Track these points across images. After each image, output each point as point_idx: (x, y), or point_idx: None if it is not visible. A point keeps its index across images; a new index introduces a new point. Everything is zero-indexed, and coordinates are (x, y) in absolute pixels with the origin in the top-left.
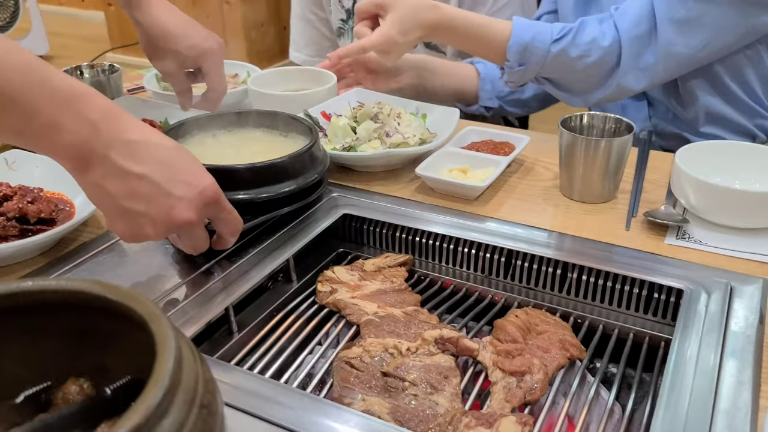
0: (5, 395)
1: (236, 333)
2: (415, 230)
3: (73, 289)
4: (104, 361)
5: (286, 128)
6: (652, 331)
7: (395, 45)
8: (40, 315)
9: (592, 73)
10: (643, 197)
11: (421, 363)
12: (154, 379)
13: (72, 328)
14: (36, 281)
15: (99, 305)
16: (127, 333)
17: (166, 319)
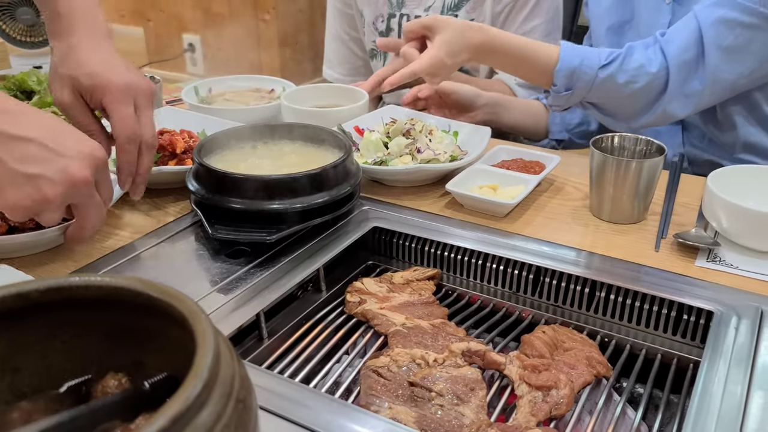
0: (50, 385)
1: (266, 339)
2: (443, 245)
3: (116, 285)
4: (142, 357)
5: (320, 141)
6: (680, 352)
7: (443, 67)
8: (85, 310)
9: (639, 99)
10: (673, 220)
11: (448, 374)
12: (194, 371)
13: (113, 324)
14: (82, 277)
15: (140, 302)
16: (165, 331)
17: (205, 316)
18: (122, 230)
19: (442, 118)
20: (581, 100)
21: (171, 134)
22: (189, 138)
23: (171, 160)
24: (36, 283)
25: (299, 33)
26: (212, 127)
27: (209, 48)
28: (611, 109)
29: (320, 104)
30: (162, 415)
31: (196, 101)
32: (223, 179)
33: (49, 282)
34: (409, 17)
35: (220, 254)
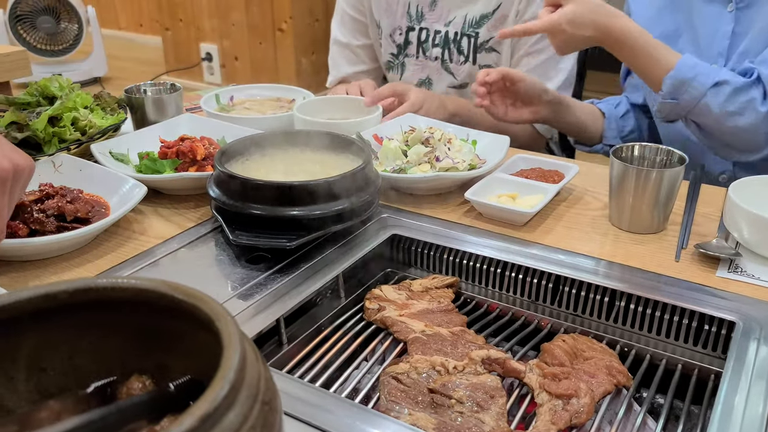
0: (76, 385)
1: (286, 345)
2: (462, 253)
3: (142, 287)
4: (166, 360)
5: (340, 149)
6: (701, 363)
7: (561, 32)
8: (111, 311)
9: (741, 134)
10: (693, 230)
11: (468, 381)
12: (221, 372)
13: (139, 327)
14: (109, 279)
15: (165, 304)
16: (190, 334)
17: (231, 317)
18: (143, 235)
19: (460, 127)
20: (686, 115)
21: (192, 141)
22: (209, 145)
23: (191, 166)
24: (64, 284)
25: (315, 42)
26: (232, 135)
27: (226, 57)
28: (713, 135)
29: (333, 116)
30: (190, 415)
31: (216, 109)
32: (244, 186)
33: (76, 283)
34: (429, 31)
35: (240, 260)
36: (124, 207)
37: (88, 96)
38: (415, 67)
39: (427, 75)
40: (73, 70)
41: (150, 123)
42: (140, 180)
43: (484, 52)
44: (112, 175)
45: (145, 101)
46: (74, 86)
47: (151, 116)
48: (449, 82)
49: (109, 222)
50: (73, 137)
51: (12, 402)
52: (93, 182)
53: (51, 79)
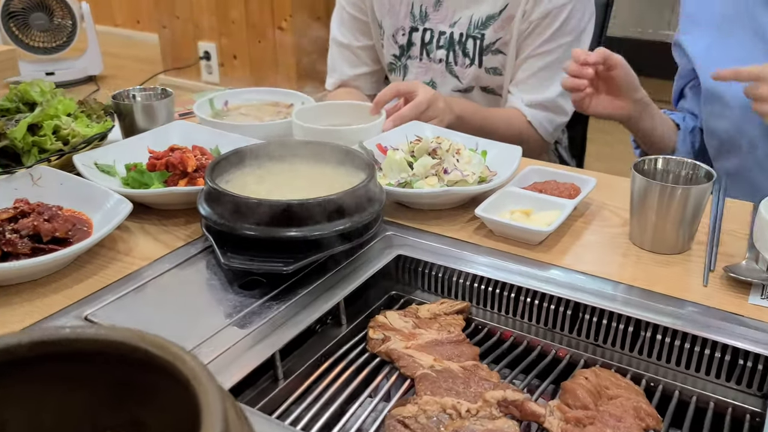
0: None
1: (282, 380)
2: (473, 276)
3: (111, 339)
4: (142, 416)
5: (342, 161)
6: (735, 401)
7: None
8: (79, 363)
9: None
10: (720, 250)
11: (483, 428)
12: None
13: (110, 380)
14: (74, 329)
15: (138, 357)
16: (169, 388)
17: (211, 379)
18: (128, 255)
19: (469, 136)
20: None
21: (182, 152)
22: (201, 155)
23: (182, 179)
24: (21, 336)
25: (316, 41)
26: (226, 144)
27: (225, 56)
28: None
29: (333, 123)
30: None
31: (209, 115)
32: (237, 204)
33: (34, 335)
34: (433, 32)
35: (233, 284)
36: (108, 225)
37: (71, 102)
38: (419, 69)
39: (431, 78)
40: (67, 68)
41: (140, 131)
42: (126, 195)
43: (491, 54)
44: (95, 189)
45: (134, 108)
46: (56, 91)
47: (140, 124)
48: (454, 86)
49: (91, 243)
50: (54, 147)
51: None
52: (75, 197)
53: (32, 84)
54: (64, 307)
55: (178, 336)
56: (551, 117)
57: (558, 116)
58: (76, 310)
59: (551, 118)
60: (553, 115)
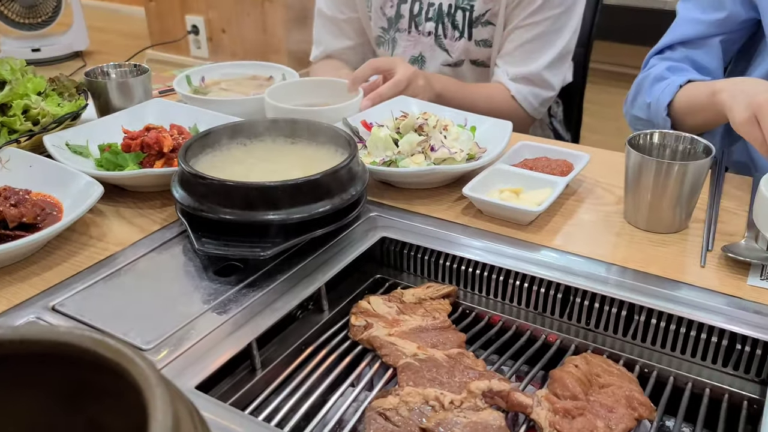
0: None
1: (259, 370)
2: (460, 258)
3: (59, 341)
4: (100, 417)
5: (323, 139)
6: (732, 387)
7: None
8: (25, 365)
9: None
10: (718, 228)
11: (467, 419)
12: None
13: (62, 380)
14: (17, 330)
15: (89, 360)
16: (123, 391)
17: (163, 387)
18: (101, 241)
19: (458, 111)
20: None
21: (158, 131)
22: (178, 135)
23: (158, 160)
24: None
25: (306, 14)
26: (205, 121)
27: (213, 30)
28: None
29: (309, 101)
30: None
31: (189, 92)
32: (212, 187)
33: None
34: (422, 4)
35: (209, 270)
36: (79, 209)
37: (41, 80)
38: (407, 43)
39: (419, 51)
40: (52, 44)
41: (115, 109)
42: (99, 177)
43: (480, 26)
44: (65, 171)
45: (109, 85)
46: (26, 69)
47: (115, 102)
48: (443, 60)
49: (60, 228)
50: (23, 128)
51: None
52: (44, 180)
53: (2, 61)
54: (32, 296)
55: (151, 325)
56: (537, 91)
57: (544, 90)
58: (44, 300)
59: (536, 93)
60: (539, 89)
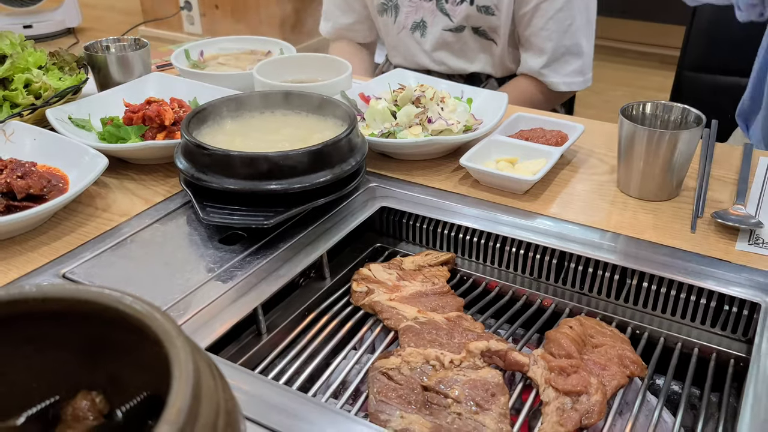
0: (16, 405)
1: (265, 335)
2: (458, 226)
3: (81, 298)
4: (119, 372)
5: (323, 111)
6: (719, 346)
7: None
8: (48, 323)
9: None
10: (708, 195)
11: (466, 377)
12: (167, 415)
13: (83, 337)
14: (41, 288)
15: (110, 316)
16: (143, 346)
17: (183, 338)
18: (106, 212)
19: (454, 84)
20: None
21: (159, 104)
22: (179, 108)
23: (160, 132)
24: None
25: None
26: (204, 95)
27: (206, 5)
28: None
29: (298, 78)
30: None
31: (188, 66)
32: (215, 157)
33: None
34: None
35: (213, 239)
36: (84, 181)
37: (42, 54)
38: (409, 8)
39: (421, 17)
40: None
41: (115, 83)
42: (102, 150)
43: None
44: (70, 144)
45: (108, 59)
46: (26, 43)
47: (115, 76)
48: (444, 25)
49: (67, 199)
50: (26, 101)
51: None
52: (49, 153)
53: (1, 36)
54: (42, 265)
55: (159, 292)
56: (569, 63)
57: (576, 59)
58: (54, 268)
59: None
60: (573, 58)
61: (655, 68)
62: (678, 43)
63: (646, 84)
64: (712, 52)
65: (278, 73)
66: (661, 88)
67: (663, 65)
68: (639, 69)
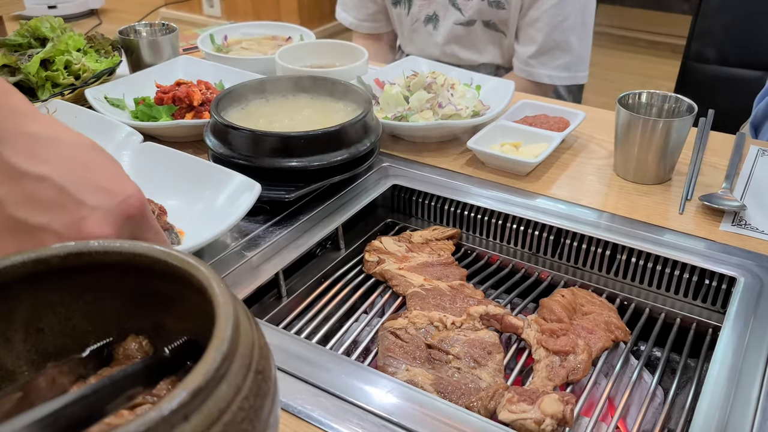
0: (74, 345)
1: (285, 298)
2: (463, 204)
3: (135, 251)
4: (162, 320)
5: (340, 95)
6: (699, 317)
7: None
8: (105, 274)
9: None
10: (699, 180)
11: (466, 337)
12: (213, 344)
13: (134, 288)
14: (102, 242)
15: (160, 268)
16: (185, 296)
17: (224, 285)
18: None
19: (464, 71)
20: None
21: (188, 86)
22: (206, 89)
23: (188, 112)
24: (56, 248)
25: None
26: (229, 78)
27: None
28: None
29: (317, 63)
30: (183, 388)
31: (213, 50)
32: (242, 136)
33: (68, 247)
34: None
35: None
36: (120, 157)
37: (80, 38)
38: (422, 2)
39: (434, 11)
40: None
41: (145, 66)
42: (136, 127)
43: None
44: (108, 121)
45: (140, 43)
46: (66, 27)
47: (146, 59)
48: (456, 19)
49: None
50: (66, 81)
51: (10, 362)
52: (88, 129)
53: (42, 19)
54: None
55: None
56: (558, 58)
57: (564, 54)
58: None
59: (557, 60)
60: (561, 53)
61: (667, 57)
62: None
63: (656, 73)
64: (716, 43)
65: (298, 58)
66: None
67: (674, 55)
68: (650, 58)
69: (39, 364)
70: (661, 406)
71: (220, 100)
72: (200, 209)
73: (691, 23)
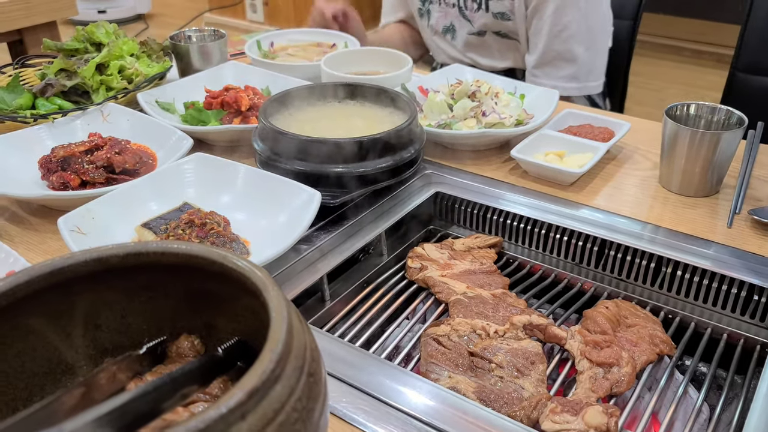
0: (129, 341)
1: (329, 301)
2: (506, 213)
3: (191, 253)
4: (214, 321)
5: (386, 103)
6: (747, 333)
7: None
8: (161, 274)
9: None
10: (748, 194)
11: (509, 346)
12: (269, 345)
13: (188, 289)
14: (160, 244)
15: (214, 270)
16: (237, 298)
17: (278, 288)
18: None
19: (508, 80)
20: None
21: (236, 91)
22: (254, 95)
23: (236, 117)
24: (116, 248)
25: None
26: (275, 84)
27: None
28: None
29: (361, 70)
30: (240, 389)
31: (259, 56)
32: (289, 141)
33: (128, 248)
34: None
35: None
36: (171, 159)
37: (134, 43)
38: (439, 14)
39: (450, 21)
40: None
41: (195, 71)
42: (186, 131)
43: (496, 0)
44: (159, 125)
45: (190, 49)
46: (120, 32)
47: (196, 64)
48: (468, 30)
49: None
50: (120, 86)
51: (70, 356)
52: (141, 132)
53: (97, 25)
54: None
55: None
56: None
57: (567, 64)
58: None
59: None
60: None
61: (711, 67)
62: (733, 42)
63: (701, 83)
64: (766, 53)
65: (343, 65)
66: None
67: (719, 64)
68: (695, 68)
69: (96, 359)
70: (706, 423)
71: (268, 106)
72: (264, 225)
73: (740, 33)
